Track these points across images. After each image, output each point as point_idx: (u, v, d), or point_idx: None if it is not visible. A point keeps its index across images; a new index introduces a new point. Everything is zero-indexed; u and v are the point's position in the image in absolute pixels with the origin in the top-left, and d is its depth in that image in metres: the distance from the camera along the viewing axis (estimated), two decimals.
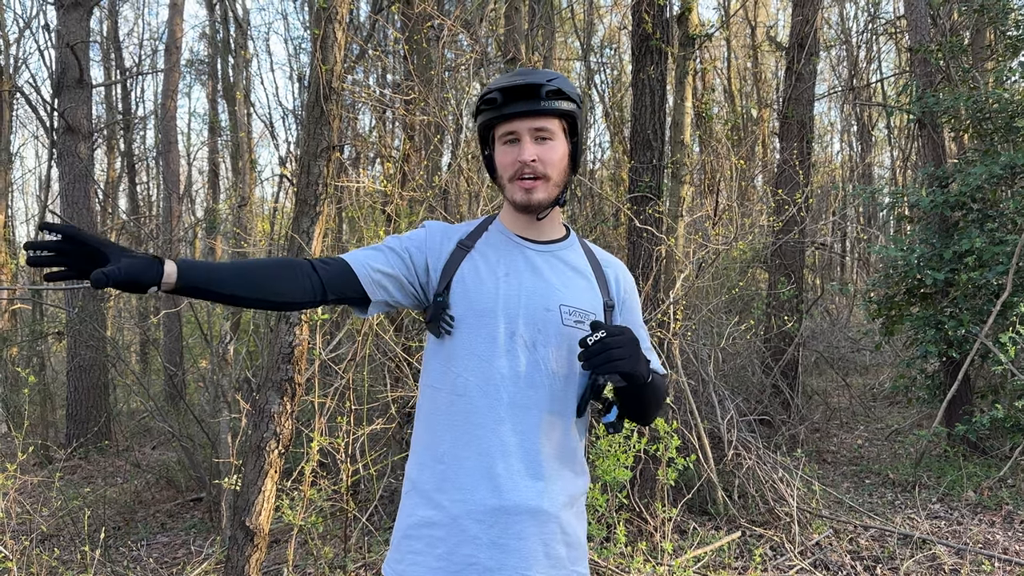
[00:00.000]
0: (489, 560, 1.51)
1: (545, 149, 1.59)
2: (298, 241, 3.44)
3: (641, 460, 4.65)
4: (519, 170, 1.59)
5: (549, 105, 1.57)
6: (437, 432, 1.60)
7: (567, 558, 1.60)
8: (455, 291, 1.60)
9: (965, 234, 6.33)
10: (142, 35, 24.76)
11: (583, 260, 1.71)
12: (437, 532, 1.55)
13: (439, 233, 1.68)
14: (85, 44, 9.05)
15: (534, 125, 1.58)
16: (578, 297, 1.62)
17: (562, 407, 1.59)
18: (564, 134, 1.63)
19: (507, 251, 1.65)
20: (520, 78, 1.59)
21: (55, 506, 6.09)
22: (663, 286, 5.27)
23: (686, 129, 6.05)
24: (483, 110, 1.62)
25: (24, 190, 22.95)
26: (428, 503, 1.57)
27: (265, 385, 3.44)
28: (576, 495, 1.65)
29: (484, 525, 1.52)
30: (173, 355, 10.79)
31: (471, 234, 1.68)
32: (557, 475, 1.58)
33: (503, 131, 1.61)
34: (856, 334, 11.65)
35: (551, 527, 1.56)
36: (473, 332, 1.57)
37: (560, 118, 1.61)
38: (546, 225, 1.69)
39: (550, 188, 1.61)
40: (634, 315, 1.74)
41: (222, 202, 14.59)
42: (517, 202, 1.61)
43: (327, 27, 3.50)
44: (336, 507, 4.37)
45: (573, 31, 13.40)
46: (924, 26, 7.33)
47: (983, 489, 5.53)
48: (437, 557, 1.54)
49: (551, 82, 1.58)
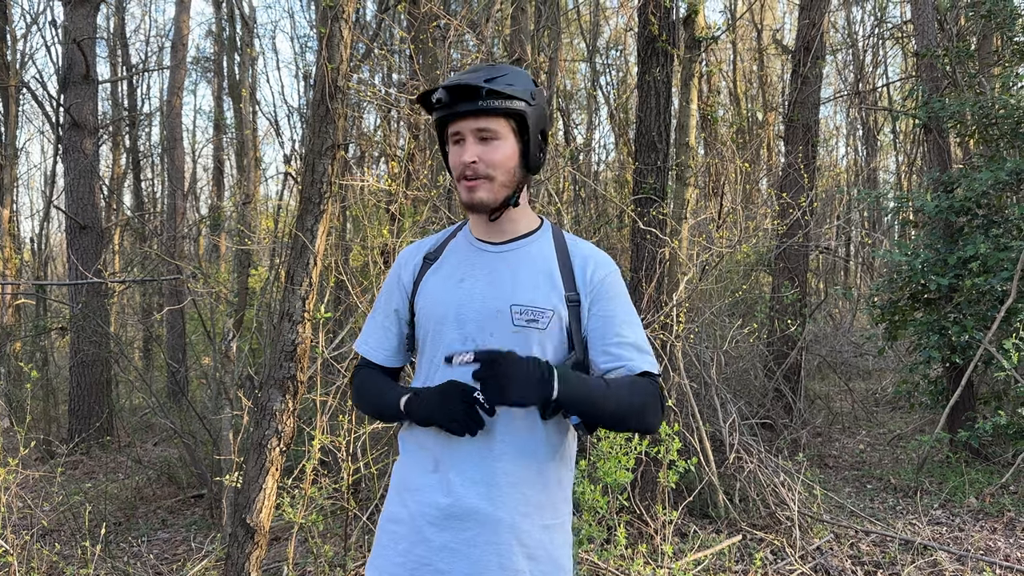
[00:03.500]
0: (441, 563, 1.52)
1: (488, 149, 1.56)
2: (302, 239, 3.44)
3: (642, 462, 4.65)
4: (462, 171, 1.58)
5: (487, 104, 1.53)
6: (409, 432, 1.66)
7: (529, 571, 1.52)
8: (418, 304, 1.66)
9: (970, 240, 6.31)
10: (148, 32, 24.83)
11: (549, 253, 1.65)
12: (399, 529, 1.59)
13: (407, 258, 1.74)
14: (92, 40, 9.07)
15: (476, 125, 1.55)
16: (531, 295, 1.58)
17: (525, 410, 1.54)
18: (513, 133, 1.58)
19: (467, 256, 1.67)
20: (462, 77, 1.57)
21: (56, 501, 6.09)
22: (666, 288, 5.26)
23: (691, 131, 6.04)
24: (435, 109, 1.60)
25: (29, 185, 23.01)
26: (397, 500, 1.63)
27: (267, 383, 3.44)
28: (549, 502, 1.57)
29: (436, 528, 1.53)
30: (176, 352, 10.80)
31: (440, 245, 1.72)
32: (518, 481, 1.53)
33: (451, 131, 1.60)
34: (859, 339, 11.63)
35: (506, 537, 1.51)
36: (433, 340, 1.62)
37: (505, 117, 1.56)
38: (506, 225, 1.66)
39: (495, 188, 1.58)
40: (611, 305, 1.61)
41: (226, 199, 14.61)
42: (463, 201, 1.62)
43: (333, 25, 3.50)
44: (337, 505, 4.37)
45: (579, 32, 13.38)
46: (931, 31, 7.31)
47: (985, 495, 5.51)
48: (398, 553, 1.57)
49: (491, 81, 1.54)
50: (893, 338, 7.32)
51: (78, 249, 8.76)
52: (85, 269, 8.36)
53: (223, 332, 5.97)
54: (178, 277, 7.73)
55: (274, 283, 6.53)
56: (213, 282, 6.96)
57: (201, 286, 6.71)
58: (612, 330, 1.59)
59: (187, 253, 12.62)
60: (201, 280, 6.73)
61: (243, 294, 9.18)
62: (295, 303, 3.41)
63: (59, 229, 18.67)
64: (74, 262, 8.62)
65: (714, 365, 5.78)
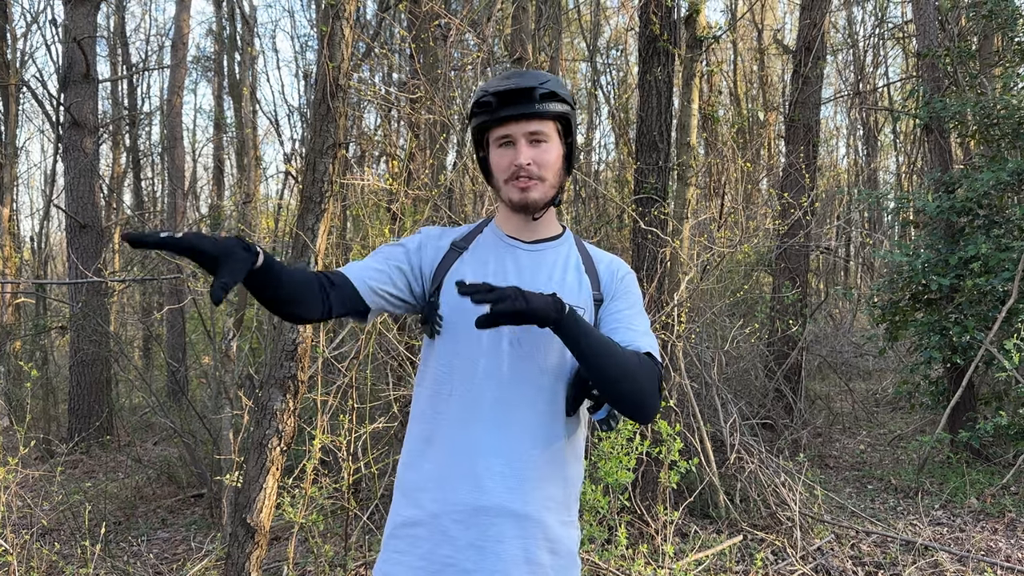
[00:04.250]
0: (467, 562, 1.50)
1: (540, 152, 1.60)
2: (303, 238, 3.43)
3: (643, 463, 4.64)
4: (515, 173, 1.59)
5: (543, 108, 1.57)
6: (423, 431, 1.61)
7: (551, 566, 1.55)
8: (445, 291, 1.62)
9: (971, 240, 6.31)
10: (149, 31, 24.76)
11: (575, 257, 1.70)
12: (419, 532, 1.55)
13: (434, 236, 1.70)
14: (92, 39, 9.06)
15: (528, 128, 1.58)
16: (565, 294, 1.60)
17: (550, 405, 1.57)
18: (558, 136, 1.63)
19: (497, 251, 1.66)
20: (513, 81, 1.58)
21: (56, 500, 6.09)
22: (667, 288, 5.25)
23: (692, 131, 6.03)
24: (477, 113, 1.62)
25: (29, 184, 22.97)
26: (411, 503, 1.58)
27: (268, 382, 3.43)
28: (565, 500, 1.60)
29: (463, 526, 1.51)
30: (176, 351, 10.79)
31: (466, 236, 1.71)
32: (542, 477, 1.55)
33: (498, 134, 1.61)
34: (860, 339, 11.63)
35: (533, 531, 1.53)
36: (459, 332, 1.59)
37: (554, 120, 1.61)
38: (540, 225, 1.69)
39: (546, 188, 1.62)
40: (626, 300, 1.67)
41: (227, 199, 14.60)
42: (514, 201, 1.62)
43: (334, 24, 3.49)
44: (337, 505, 4.37)
45: (580, 32, 13.38)
46: (932, 31, 7.30)
47: (986, 496, 5.51)
48: (419, 556, 1.53)
49: (544, 85, 1.58)
50: (894, 338, 7.31)
51: (78, 248, 8.75)
52: (85, 268, 8.36)
53: (223, 331, 5.97)
54: (178, 276, 7.72)
55: None
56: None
57: (201, 285, 6.70)
58: (624, 317, 1.63)
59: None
60: (201, 279, 6.72)
61: (244, 293, 9.17)
62: None
63: (59, 228, 18.68)
64: (74, 261, 8.62)
65: (715, 365, 5.78)
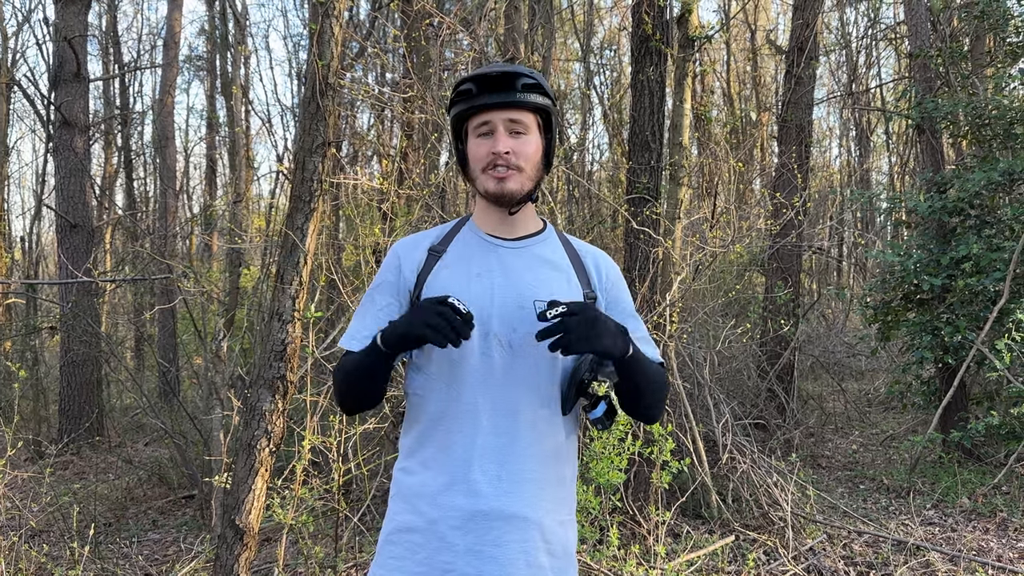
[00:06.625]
0: (467, 567, 1.48)
1: (519, 142, 1.56)
2: (292, 238, 3.41)
3: (635, 463, 4.63)
4: (492, 161, 1.56)
5: (524, 98, 1.55)
6: (418, 437, 1.58)
7: (550, 567, 1.54)
8: (427, 295, 1.57)
9: (963, 240, 6.32)
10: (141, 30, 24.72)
11: (560, 253, 1.66)
12: (416, 538, 1.52)
13: (409, 248, 1.66)
14: (83, 38, 9.01)
15: (509, 117, 1.55)
16: (553, 292, 1.57)
17: (545, 406, 1.54)
18: (539, 129, 1.61)
19: (479, 251, 1.62)
20: (496, 68, 1.56)
21: (45, 502, 6.04)
22: (659, 288, 5.25)
23: (685, 131, 6.03)
24: (456, 101, 1.59)
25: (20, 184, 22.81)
26: (408, 508, 1.55)
27: (257, 382, 3.41)
28: (562, 501, 1.59)
29: (461, 532, 1.49)
30: (167, 352, 10.75)
31: (443, 238, 1.66)
32: (539, 478, 1.53)
33: (477, 122, 1.58)
34: (852, 339, 11.65)
35: (531, 534, 1.51)
36: None
37: (535, 112, 1.59)
38: (519, 221, 1.65)
39: (523, 180, 1.58)
40: (621, 304, 1.68)
41: (219, 198, 14.54)
42: (490, 191, 1.57)
43: (324, 22, 3.48)
44: (327, 506, 4.34)
45: (573, 32, 13.38)
46: (924, 32, 7.32)
47: (978, 496, 5.52)
48: (417, 563, 1.51)
49: (526, 76, 1.56)
50: (886, 338, 7.32)
51: (69, 248, 8.70)
52: (76, 268, 8.30)
53: (214, 332, 5.94)
54: (169, 276, 7.68)
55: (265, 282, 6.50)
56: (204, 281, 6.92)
57: (192, 285, 6.67)
58: (626, 325, 1.59)
59: (179, 252, 12.55)
60: (192, 279, 6.69)
61: (234, 293, 9.14)
62: (285, 302, 3.38)
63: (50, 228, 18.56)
64: (64, 261, 8.57)
65: (707, 365, 5.77)
